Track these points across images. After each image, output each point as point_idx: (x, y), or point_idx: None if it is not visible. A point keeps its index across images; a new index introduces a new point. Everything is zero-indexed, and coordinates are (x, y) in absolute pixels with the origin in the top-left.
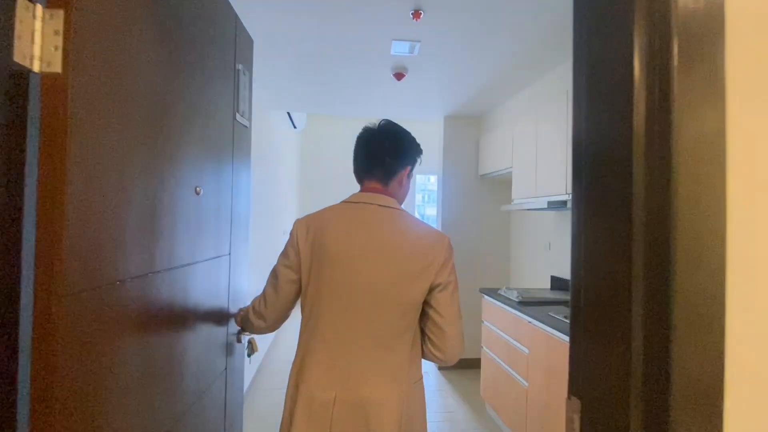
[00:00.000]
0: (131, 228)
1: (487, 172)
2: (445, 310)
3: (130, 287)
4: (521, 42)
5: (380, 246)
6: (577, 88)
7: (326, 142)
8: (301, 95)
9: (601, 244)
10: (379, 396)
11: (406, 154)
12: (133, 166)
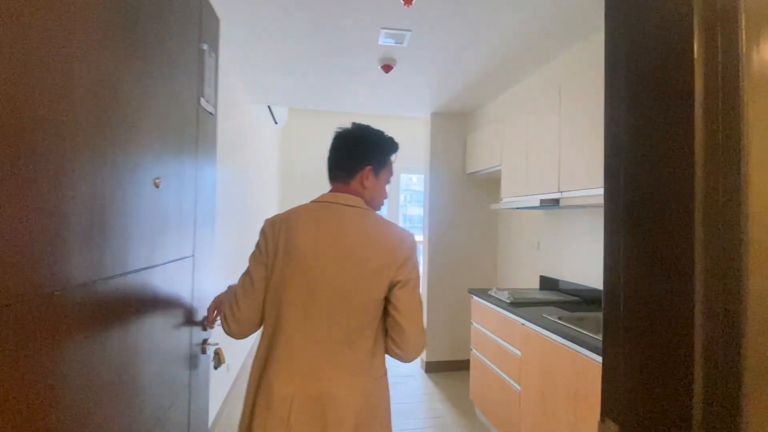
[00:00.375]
0: (74, 228)
1: (474, 170)
2: (404, 307)
3: (72, 297)
4: (514, 35)
5: (341, 244)
6: (613, 70)
7: (308, 139)
8: (283, 88)
9: (650, 248)
10: (337, 390)
11: (364, 155)
12: (76, 154)
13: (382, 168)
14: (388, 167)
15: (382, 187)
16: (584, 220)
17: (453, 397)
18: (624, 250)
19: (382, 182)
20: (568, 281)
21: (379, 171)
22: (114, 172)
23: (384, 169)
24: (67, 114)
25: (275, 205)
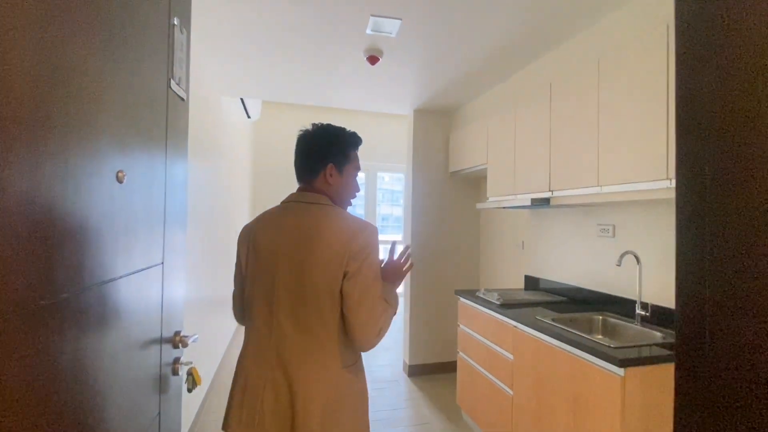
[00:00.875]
0: (9, 237)
1: (458, 169)
2: (349, 298)
3: (8, 324)
4: (508, 27)
5: (297, 239)
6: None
7: (282, 134)
8: (257, 79)
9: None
10: (304, 380)
11: (325, 154)
12: (12, 142)
13: (346, 163)
14: (352, 162)
15: (348, 181)
16: (569, 218)
17: (439, 402)
18: (712, 251)
19: (348, 177)
20: (554, 281)
21: (342, 167)
22: (64, 162)
23: (348, 164)
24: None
25: (247, 205)
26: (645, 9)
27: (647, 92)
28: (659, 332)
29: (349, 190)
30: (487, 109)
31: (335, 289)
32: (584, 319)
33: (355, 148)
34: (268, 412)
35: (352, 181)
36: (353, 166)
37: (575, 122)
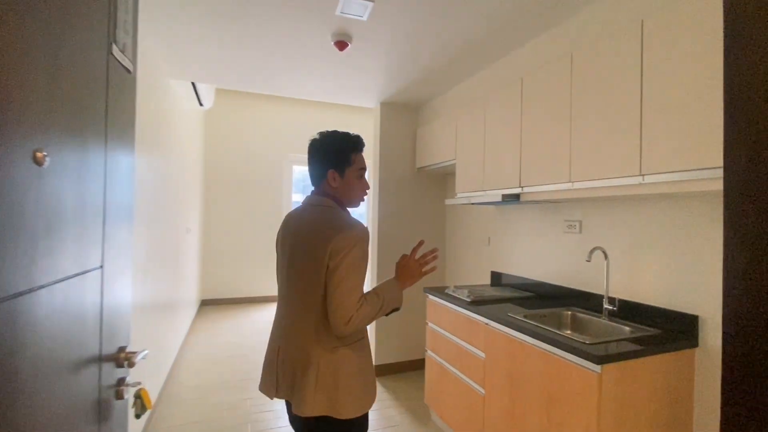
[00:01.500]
0: None
1: (425, 164)
2: (329, 289)
3: None
4: (484, 17)
5: (298, 237)
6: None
7: (237, 125)
8: (211, 62)
9: None
10: (303, 351)
11: (325, 161)
12: None
13: (346, 166)
14: (354, 164)
15: (351, 183)
16: (536, 214)
17: (406, 402)
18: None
19: (351, 179)
20: (521, 276)
21: (343, 170)
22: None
23: (349, 166)
24: None
25: (199, 199)
26: (620, 3)
27: (621, 87)
28: (627, 326)
29: (353, 191)
30: (457, 103)
31: (321, 280)
32: (554, 315)
33: (356, 151)
34: (280, 379)
35: (355, 182)
36: (355, 168)
37: (547, 117)
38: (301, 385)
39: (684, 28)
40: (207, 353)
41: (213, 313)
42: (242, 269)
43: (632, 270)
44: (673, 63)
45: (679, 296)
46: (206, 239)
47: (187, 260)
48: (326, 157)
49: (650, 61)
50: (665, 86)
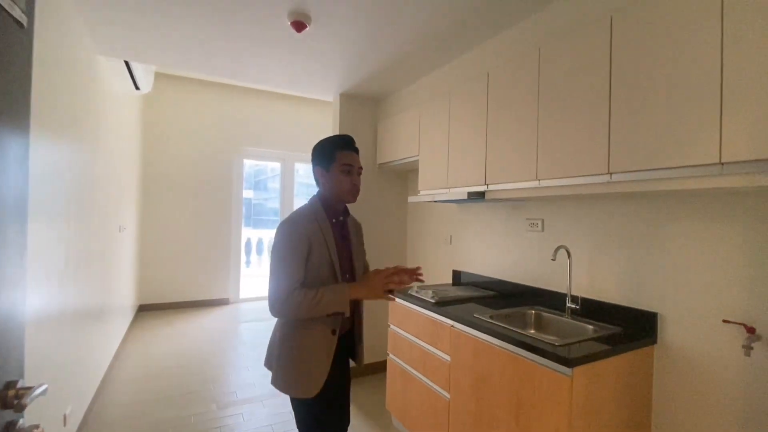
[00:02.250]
0: None
1: (386, 160)
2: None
3: None
4: (448, 11)
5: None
6: None
7: (180, 113)
8: (146, 37)
9: None
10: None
11: (313, 161)
12: None
13: (330, 163)
14: (338, 160)
15: (334, 179)
16: (498, 213)
17: (366, 408)
18: None
19: (334, 174)
20: (483, 275)
21: (327, 167)
22: None
23: (333, 163)
24: None
25: (135, 195)
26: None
27: (590, 84)
28: (590, 325)
29: (338, 186)
30: (421, 97)
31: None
32: (518, 315)
33: (341, 148)
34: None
35: (341, 177)
36: (339, 164)
37: (513, 114)
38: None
39: (653, 25)
40: (144, 365)
41: (152, 319)
42: (186, 271)
43: (593, 268)
44: (641, 61)
45: (639, 294)
46: (144, 238)
47: (121, 262)
48: (315, 157)
49: (619, 58)
50: (634, 84)
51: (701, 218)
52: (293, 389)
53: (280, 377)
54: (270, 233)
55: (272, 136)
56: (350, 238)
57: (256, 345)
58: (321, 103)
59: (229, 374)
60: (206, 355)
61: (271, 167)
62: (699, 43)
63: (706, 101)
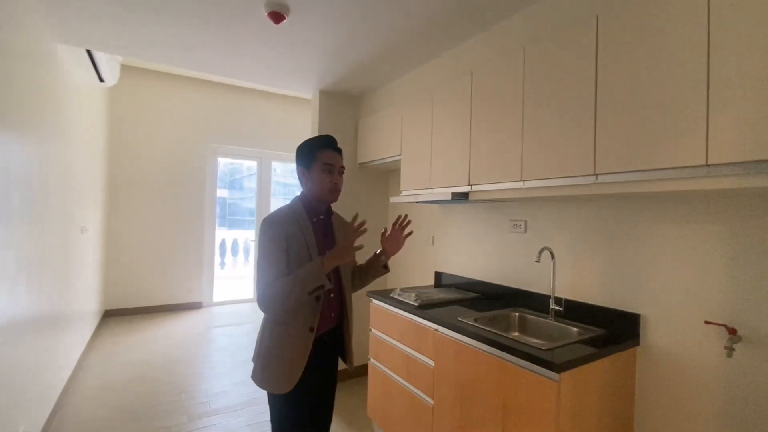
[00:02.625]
0: None
1: (367, 160)
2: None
3: None
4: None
5: None
6: None
7: (151, 108)
8: (110, 24)
9: None
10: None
11: (296, 162)
12: None
13: (311, 162)
14: (319, 160)
15: (315, 178)
16: (481, 214)
17: (346, 413)
18: None
19: (315, 173)
20: (466, 276)
21: (308, 166)
22: None
23: (313, 162)
24: None
25: (101, 194)
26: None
27: (575, 84)
28: (574, 327)
29: (318, 185)
30: (403, 95)
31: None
32: (502, 317)
33: (322, 148)
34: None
35: (321, 176)
36: (319, 163)
37: (498, 113)
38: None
39: (639, 25)
40: (109, 376)
41: (119, 325)
42: (156, 273)
43: (577, 269)
44: (628, 61)
45: (622, 295)
46: (111, 240)
47: (83, 265)
48: (298, 157)
49: (605, 58)
50: (620, 85)
51: (684, 219)
52: (267, 384)
53: (258, 371)
54: (246, 234)
55: (248, 134)
56: (334, 236)
57: (230, 351)
58: (300, 100)
59: (202, 383)
60: (177, 362)
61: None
62: (685, 45)
63: (692, 102)
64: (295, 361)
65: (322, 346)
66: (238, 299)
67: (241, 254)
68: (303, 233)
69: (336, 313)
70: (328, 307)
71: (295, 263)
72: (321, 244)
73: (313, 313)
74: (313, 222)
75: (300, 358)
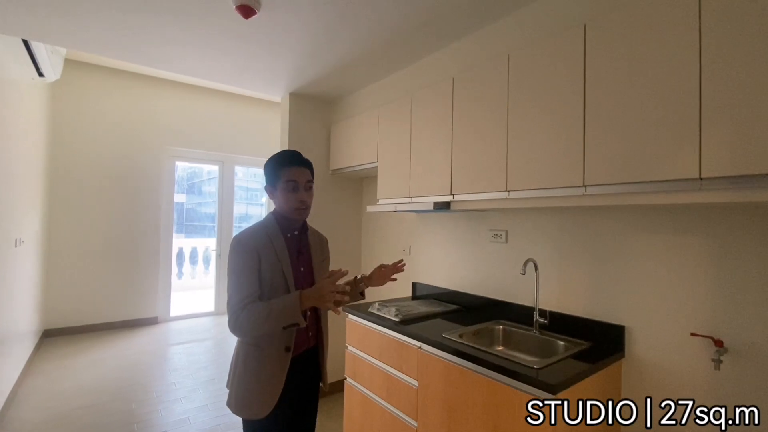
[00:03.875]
0: None
1: (342, 166)
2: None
3: None
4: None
5: None
6: None
7: (99, 107)
8: (46, 9)
9: None
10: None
11: (265, 180)
12: None
13: (276, 181)
14: (281, 178)
15: (281, 196)
16: (461, 223)
17: None
18: None
19: (280, 192)
20: (444, 288)
21: (274, 185)
22: None
23: (278, 180)
24: None
25: (40, 200)
26: (562, 4)
27: (563, 93)
28: (560, 340)
29: (284, 202)
30: (379, 101)
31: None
32: (486, 331)
33: (284, 165)
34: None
35: (286, 195)
36: (284, 181)
37: (481, 121)
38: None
39: (628, 35)
40: (49, 405)
41: (61, 346)
42: (104, 287)
43: (559, 280)
44: (617, 71)
45: (606, 307)
46: (52, 250)
47: (16, 280)
48: (265, 176)
49: (594, 68)
50: (610, 96)
51: (669, 231)
52: (242, 410)
53: (233, 397)
54: (206, 241)
55: (210, 137)
56: (309, 253)
57: (190, 371)
58: (266, 103)
59: (159, 410)
60: (129, 387)
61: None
62: (676, 57)
63: (685, 115)
64: (271, 384)
65: (301, 366)
66: (197, 313)
67: (200, 263)
68: (276, 250)
69: (313, 332)
70: (305, 327)
71: (267, 282)
72: (295, 262)
73: (289, 333)
74: (287, 238)
75: (276, 380)
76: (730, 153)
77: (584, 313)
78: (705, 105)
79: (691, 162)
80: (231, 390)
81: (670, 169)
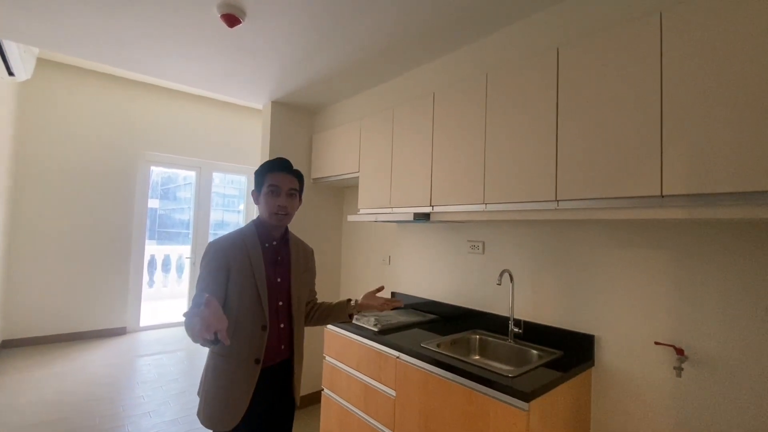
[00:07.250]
0: None
1: (322, 176)
2: None
3: None
4: (397, 24)
5: None
6: None
7: (71, 108)
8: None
9: None
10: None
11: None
12: None
13: (260, 186)
14: (264, 185)
15: (263, 200)
16: (439, 234)
17: None
18: None
19: (262, 197)
20: (423, 297)
21: (259, 189)
22: None
23: (262, 186)
24: None
25: (3, 202)
26: (537, 29)
27: (537, 112)
28: (534, 350)
29: (264, 207)
30: (361, 112)
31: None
32: (463, 341)
33: (270, 170)
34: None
35: (267, 199)
36: (267, 185)
37: (460, 136)
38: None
39: (597, 59)
40: (9, 423)
41: (21, 358)
42: (69, 295)
43: (533, 291)
44: (586, 93)
45: (578, 317)
46: (12, 257)
47: None
48: (254, 182)
49: (565, 89)
50: (580, 116)
51: (636, 244)
52: (209, 421)
53: (202, 409)
54: (179, 248)
55: (187, 142)
56: (289, 263)
57: (160, 383)
58: (247, 109)
59: (127, 425)
60: (96, 401)
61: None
62: (639, 80)
63: (647, 135)
64: (238, 394)
65: (271, 378)
66: (168, 323)
67: (173, 271)
68: (249, 259)
69: (286, 344)
70: (278, 338)
71: (237, 291)
72: (270, 272)
73: (260, 344)
74: (265, 247)
75: (244, 391)
76: (688, 172)
77: (557, 322)
78: (666, 127)
79: (653, 180)
80: (200, 400)
81: (633, 187)
